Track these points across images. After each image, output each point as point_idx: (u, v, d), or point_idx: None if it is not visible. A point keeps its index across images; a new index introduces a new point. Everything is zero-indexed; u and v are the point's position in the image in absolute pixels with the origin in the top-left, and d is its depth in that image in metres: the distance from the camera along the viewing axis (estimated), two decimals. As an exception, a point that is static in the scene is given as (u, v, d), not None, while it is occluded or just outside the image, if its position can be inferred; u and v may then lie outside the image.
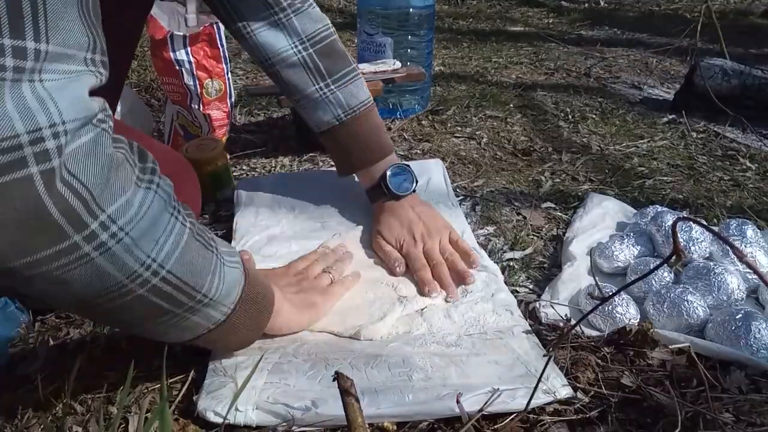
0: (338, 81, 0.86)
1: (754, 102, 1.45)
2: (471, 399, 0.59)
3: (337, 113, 0.86)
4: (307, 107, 0.87)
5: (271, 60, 0.84)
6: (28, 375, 0.66)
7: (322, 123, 0.88)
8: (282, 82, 0.86)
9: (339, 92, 0.86)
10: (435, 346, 0.69)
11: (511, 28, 2.55)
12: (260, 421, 0.58)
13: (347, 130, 0.88)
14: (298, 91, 0.86)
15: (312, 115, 0.88)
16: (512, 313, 0.75)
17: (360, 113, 0.87)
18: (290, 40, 0.83)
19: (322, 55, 0.85)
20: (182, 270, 0.47)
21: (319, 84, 0.85)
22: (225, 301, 0.53)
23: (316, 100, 0.86)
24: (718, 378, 0.65)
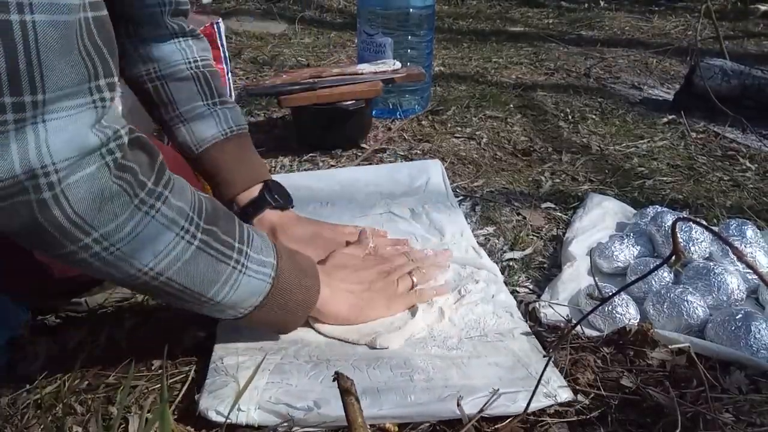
0: (224, 103, 0.84)
1: (754, 102, 1.45)
2: (472, 401, 0.59)
3: (223, 128, 0.83)
4: (190, 121, 0.82)
5: (160, 72, 0.81)
6: (28, 375, 0.66)
7: (205, 139, 0.82)
8: (162, 97, 0.82)
9: (227, 111, 0.84)
10: (436, 349, 0.69)
11: (511, 28, 2.56)
12: (262, 420, 0.58)
13: (232, 147, 0.84)
14: (182, 104, 0.82)
15: (194, 131, 0.82)
16: (512, 315, 0.75)
17: (243, 133, 0.85)
18: (184, 56, 0.82)
19: (213, 77, 0.84)
20: (183, 278, 0.55)
21: (207, 100, 0.82)
22: (241, 305, 0.60)
23: (202, 114, 0.82)
24: (718, 378, 0.65)
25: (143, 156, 0.52)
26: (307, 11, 2.74)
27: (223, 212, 0.59)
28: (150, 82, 0.81)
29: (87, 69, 0.45)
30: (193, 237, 0.54)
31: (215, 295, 0.57)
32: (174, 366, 0.68)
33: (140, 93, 0.84)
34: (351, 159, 1.25)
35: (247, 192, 0.85)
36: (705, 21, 1.99)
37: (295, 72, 1.36)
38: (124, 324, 0.74)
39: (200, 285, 0.56)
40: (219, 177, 0.84)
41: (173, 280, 0.54)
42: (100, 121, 0.46)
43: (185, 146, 0.83)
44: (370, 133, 1.35)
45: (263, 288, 0.60)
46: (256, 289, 0.60)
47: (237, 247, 0.58)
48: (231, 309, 0.60)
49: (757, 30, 2.52)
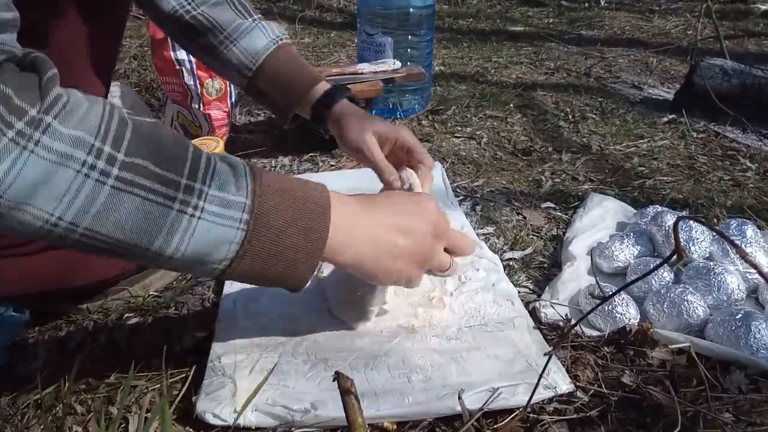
0: (262, 19, 0.84)
1: (754, 102, 1.45)
2: (471, 397, 0.59)
3: (273, 36, 0.82)
4: (239, 40, 0.81)
5: (195, 2, 0.80)
6: (28, 375, 0.66)
7: (258, 51, 0.81)
8: (205, 23, 0.80)
9: (267, 23, 0.84)
10: (435, 340, 0.69)
11: (511, 28, 2.56)
12: (259, 422, 0.58)
13: (285, 55, 0.82)
14: (226, 26, 0.81)
15: (246, 47, 0.81)
16: (513, 303, 0.75)
17: (289, 41, 0.85)
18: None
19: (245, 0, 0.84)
20: (108, 228, 0.44)
21: (249, 17, 0.83)
22: (208, 259, 0.48)
23: (249, 28, 0.81)
24: (718, 378, 0.65)
25: (29, 76, 0.41)
26: (307, 11, 2.74)
27: (170, 141, 0.47)
28: (187, 14, 0.81)
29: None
30: (105, 175, 0.42)
31: (163, 248, 0.46)
32: (174, 366, 0.68)
33: (180, 28, 0.82)
34: (351, 159, 1.25)
35: (316, 88, 0.82)
36: (705, 20, 1.99)
37: (295, 72, 1.36)
38: (124, 324, 0.74)
39: (133, 236, 0.45)
40: (284, 81, 0.82)
41: (95, 231, 0.43)
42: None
43: (241, 66, 0.81)
44: (370, 132, 1.35)
45: (232, 236, 0.47)
46: (222, 237, 0.47)
47: (185, 184, 0.45)
48: (198, 265, 0.48)
49: (757, 29, 2.51)
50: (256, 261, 0.50)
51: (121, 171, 0.43)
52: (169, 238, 0.46)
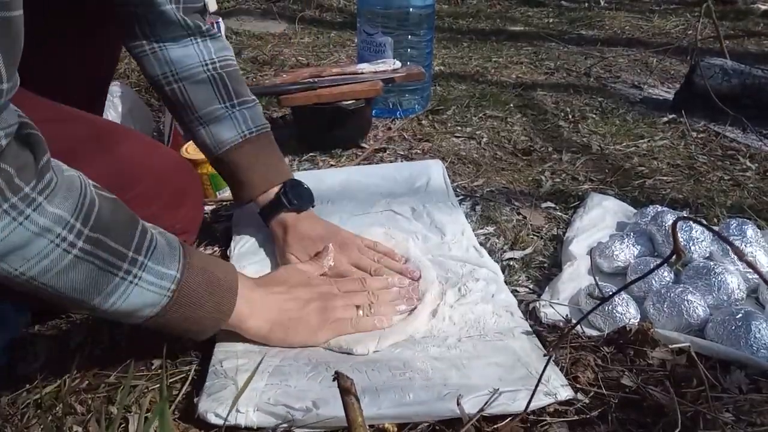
0: (243, 104, 0.84)
1: (754, 102, 1.45)
2: (471, 400, 0.59)
3: (242, 130, 0.83)
4: (209, 124, 0.83)
5: (177, 75, 0.81)
6: (28, 375, 0.66)
7: (223, 141, 0.83)
8: (181, 99, 0.82)
9: (245, 112, 0.84)
10: (435, 349, 0.69)
11: (511, 28, 2.55)
12: (261, 422, 0.58)
13: (251, 148, 0.84)
14: (200, 108, 0.82)
15: (213, 133, 0.83)
16: (512, 314, 0.75)
17: (262, 133, 0.85)
18: (201, 57, 0.81)
19: (230, 78, 0.83)
20: (61, 285, 0.52)
21: (225, 103, 0.82)
22: (135, 314, 0.58)
23: (221, 116, 0.82)
24: (718, 378, 0.65)
25: (27, 157, 0.49)
26: (307, 11, 2.74)
27: (125, 218, 0.56)
28: (167, 85, 0.82)
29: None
30: (71, 246, 0.51)
31: (100, 303, 0.55)
32: (174, 366, 0.68)
33: (161, 95, 0.84)
34: (351, 159, 1.25)
35: (265, 194, 0.86)
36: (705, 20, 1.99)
37: (295, 72, 1.36)
38: (124, 324, 0.74)
39: (80, 293, 0.53)
40: (237, 179, 0.86)
41: (49, 285, 0.52)
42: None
43: (205, 148, 0.85)
44: (370, 132, 1.35)
45: (159, 300, 0.57)
46: (150, 300, 0.57)
47: (131, 257, 0.55)
48: (124, 317, 0.58)
49: (757, 29, 2.51)
50: (171, 320, 0.60)
51: (84, 243, 0.52)
52: (108, 297, 0.55)
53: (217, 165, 0.86)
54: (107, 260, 0.53)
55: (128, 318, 0.58)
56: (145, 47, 0.80)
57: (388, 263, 0.82)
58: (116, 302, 0.55)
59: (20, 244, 0.49)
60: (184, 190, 0.80)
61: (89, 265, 0.53)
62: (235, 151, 0.83)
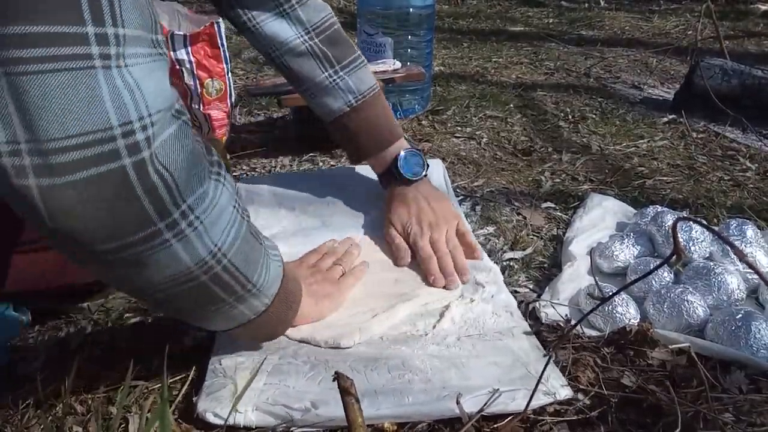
0: (346, 67, 0.86)
1: (753, 102, 1.45)
2: (471, 400, 0.59)
3: (348, 99, 0.87)
4: (317, 96, 0.88)
5: (278, 51, 0.85)
6: (28, 375, 0.66)
7: (332, 110, 0.88)
8: (290, 73, 0.87)
9: (348, 78, 0.87)
10: (434, 348, 0.69)
11: (511, 28, 2.56)
12: (260, 422, 0.58)
13: (358, 116, 0.88)
14: (307, 80, 0.87)
15: (322, 104, 0.88)
16: (512, 314, 0.75)
17: (369, 98, 0.88)
18: (296, 29, 0.84)
19: (329, 42, 0.86)
20: (239, 260, 0.49)
21: (327, 71, 0.85)
22: (268, 293, 0.56)
23: (326, 87, 0.86)
24: (718, 378, 0.65)
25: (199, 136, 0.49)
26: (307, 11, 2.74)
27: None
28: (277, 59, 0.86)
29: (151, 18, 0.40)
30: (243, 211, 0.51)
31: (258, 279, 0.53)
32: (174, 366, 0.68)
33: (276, 68, 0.89)
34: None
35: (377, 158, 0.91)
36: (705, 21, 1.99)
37: (295, 72, 1.36)
38: (124, 324, 0.74)
39: (249, 267, 0.52)
40: (349, 145, 0.92)
41: (232, 263, 0.49)
42: None
43: (320, 116, 0.91)
44: (370, 132, 1.35)
45: (280, 270, 0.58)
46: (278, 271, 0.57)
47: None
48: (256, 299, 0.55)
49: (757, 30, 2.51)
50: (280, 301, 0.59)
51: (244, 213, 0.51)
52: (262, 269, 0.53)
53: (330, 131, 0.92)
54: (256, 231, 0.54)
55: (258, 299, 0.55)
56: (243, 19, 0.83)
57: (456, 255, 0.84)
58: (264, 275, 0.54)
59: (224, 208, 0.47)
60: None
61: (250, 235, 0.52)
62: (343, 119, 0.88)
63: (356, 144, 0.91)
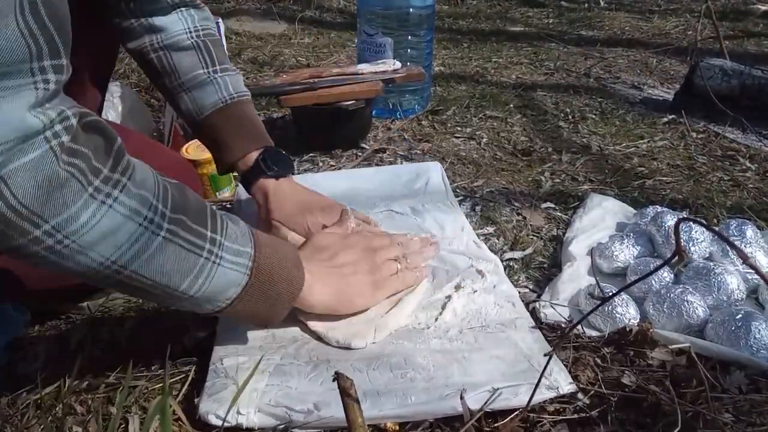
0: (225, 70, 0.85)
1: (753, 102, 1.45)
2: (474, 397, 0.59)
3: (223, 95, 0.84)
4: (192, 90, 0.84)
5: (162, 42, 0.82)
6: (28, 375, 0.66)
7: (205, 106, 0.84)
8: (165, 66, 0.83)
9: (227, 77, 0.85)
10: (436, 341, 0.69)
11: (511, 28, 2.55)
12: (262, 423, 0.58)
13: (231, 114, 0.85)
14: (183, 73, 0.83)
15: (195, 98, 0.84)
16: (514, 305, 0.75)
17: (244, 99, 0.87)
18: (185, 25, 0.83)
19: (214, 45, 0.85)
20: (151, 272, 0.51)
21: (208, 68, 0.84)
22: (218, 298, 0.57)
23: (203, 81, 0.83)
24: (718, 378, 0.65)
25: (98, 139, 0.48)
26: (307, 11, 2.74)
27: (194, 199, 0.56)
28: (153, 52, 0.83)
29: (28, 47, 0.41)
30: (159, 227, 0.51)
31: (188, 288, 0.54)
32: (174, 366, 0.68)
33: (144, 64, 0.85)
34: (351, 159, 1.25)
35: (246, 158, 0.86)
36: (705, 21, 1.99)
37: (295, 72, 1.36)
38: (124, 324, 0.74)
39: (171, 278, 0.53)
40: (218, 143, 0.86)
41: (140, 273, 0.51)
42: (42, 104, 0.43)
43: (188, 114, 0.85)
44: (370, 133, 1.35)
45: (240, 279, 0.57)
46: (233, 280, 0.57)
47: (209, 236, 0.55)
48: (207, 303, 0.57)
49: (757, 30, 2.51)
50: (250, 301, 0.59)
51: (169, 224, 0.51)
52: (196, 279, 0.54)
53: (199, 131, 0.86)
54: (192, 241, 0.53)
55: (212, 303, 0.57)
56: (128, 20, 0.81)
57: (369, 228, 0.84)
58: (204, 284, 0.55)
59: (112, 229, 0.48)
60: None
61: (176, 247, 0.52)
62: (217, 115, 0.84)
63: (226, 142, 0.86)
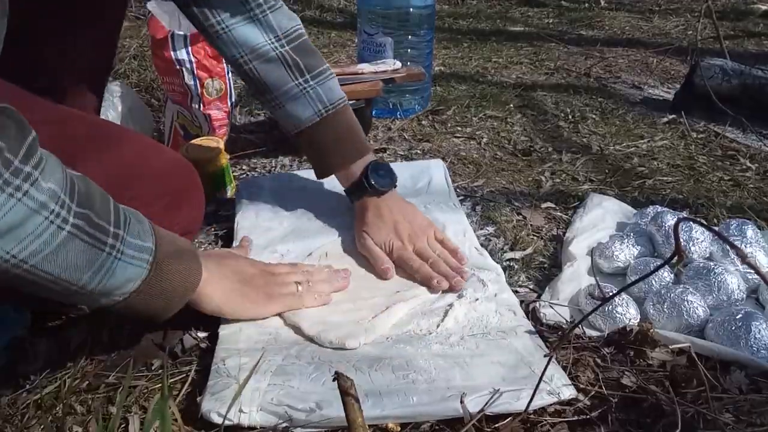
0: (316, 77, 0.84)
1: (754, 102, 1.45)
2: (475, 400, 0.59)
3: (318, 108, 0.84)
4: (286, 104, 0.85)
5: (247, 56, 0.82)
6: (28, 375, 0.66)
7: (302, 120, 0.85)
8: (257, 80, 0.84)
9: (319, 88, 0.84)
10: (437, 346, 0.69)
11: (511, 28, 2.55)
12: (264, 422, 0.58)
13: (327, 127, 0.85)
14: (275, 88, 0.84)
15: (291, 113, 0.85)
16: (515, 313, 0.75)
17: (339, 109, 0.86)
18: (267, 36, 0.81)
19: (299, 51, 0.83)
20: (51, 266, 0.51)
21: (298, 80, 0.83)
22: (115, 292, 0.57)
23: (296, 95, 0.83)
24: (718, 378, 0.65)
25: (11, 131, 0.47)
26: (307, 11, 2.74)
27: (99, 193, 0.56)
28: (245, 65, 0.83)
29: None
30: (65, 221, 0.50)
31: (87, 283, 0.54)
32: (174, 366, 0.68)
33: (240, 75, 0.86)
34: (351, 159, 1.24)
35: (347, 173, 0.88)
36: (705, 21, 1.99)
37: (295, 72, 1.36)
38: (124, 324, 0.74)
39: (70, 273, 0.52)
40: (317, 157, 0.89)
41: (39, 268, 0.50)
42: None
43: (286, 125, 0.88)
44: (370, 132, 1.35)
45: (140, 274, 0.57)
46: (133, 275, 0.57)
47: (112, 231, 0.54)
48: (103, 297, 0.57)
49: (757, 30, 2.51)
50: (146, 296, 0.59)
51: (74, 219, 0.51)
52: (96, 274, 0.54)
53: (297, 142, 0.89)
54: (95, 236, 0.53)
55: (108, 297, 0.57)
56: (211, 21, 0.80)
57: (446, 258, 0.83)
58: (103, 279, 0.54)
59: (17, 223, 0.47)
60: (185, 191, 0.80)
61: (79, 242, 0.52)
62: (313, 129, 0.85)
63: (325, 156, 0.88)
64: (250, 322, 0.72)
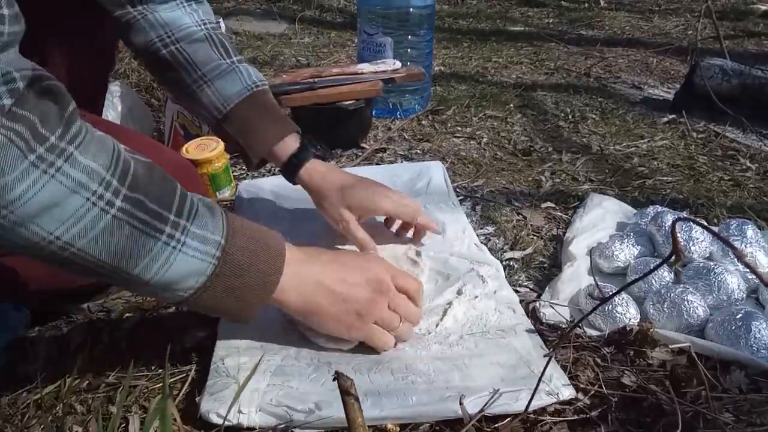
0: (242, 61, 0.83)
1: (754, 102, 1.45)
2: (474, 401, 0.59)
3: (247, 83, 0.81)
4: (214, 81, 0.80)
5: (173, 36, 0.79)
6: (28, 375, 0.66)
7: (231, 96, 0.80)
8: (181, 61, 0.79)
9: (246, 66, 0.82)
10: (437, 347, 0.69)
11: (511, 28, 2.55)
12: (263, 423, 0.58)
13: (257, 102, 0.81)
14: (203, 64, 0.80)
15: (218, 90, 0.80)
16: (515, 311, 0.75)
17: (265, 88, 0.83)
18: (194, 19, 0.80)
19: (224, 38, 0.83)
20: (99, 251, 0.49)
21: (225, 58, 0.81)
22: (177, 287, 0.54)
23: (225, 71, 0.80)
24: (718, 378, 0.65)
25: (49, 105, 0.45)
26: (308, 11, 2.74)
27: (163, 180, 0.53)
28: (165, 47, 0.79)
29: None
30: (110, 204, 0.48)
31: (142, 272, 0.51)
32: (174, 366, 0.68)
33: (155, 61, 0.80)
34: (351, 159, 1.25)
35: (282, 143, 0.83)
36: (705, 21, 1.99)
37: (295, 72, 1.36)
38: (124, 324, 0.74)
39: (121, 260, 0.50)
40: (251, 132, 0.82)
41: (86, 252, 0.48)
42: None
43: (212, 107, 0.81)
44: (370, 132, 1.35)
45: (204, 269, 0.53)
46: (196, 269, 0.53)
47: (172, 220, 0.51)
48: (165, 291, 0.54)
49: (757, 30, 2.51)
50: (216, 293, 0.55)
51: (123, 203, 0.49)
52: (151, 264, 0.51)
53: (225, 125, 0.81)
54: (149, 223, 0.50)
55: (171, 291, 0.54)
56: (133, 13, 0.78)
57: None
58: (160, 271, 0.51)
59: (54, 201, 0.45)
60: None
61: (129, 228, 0.49)
62: (245, 104, 0.81)
63: (260, 131, 0.82)
64: None
